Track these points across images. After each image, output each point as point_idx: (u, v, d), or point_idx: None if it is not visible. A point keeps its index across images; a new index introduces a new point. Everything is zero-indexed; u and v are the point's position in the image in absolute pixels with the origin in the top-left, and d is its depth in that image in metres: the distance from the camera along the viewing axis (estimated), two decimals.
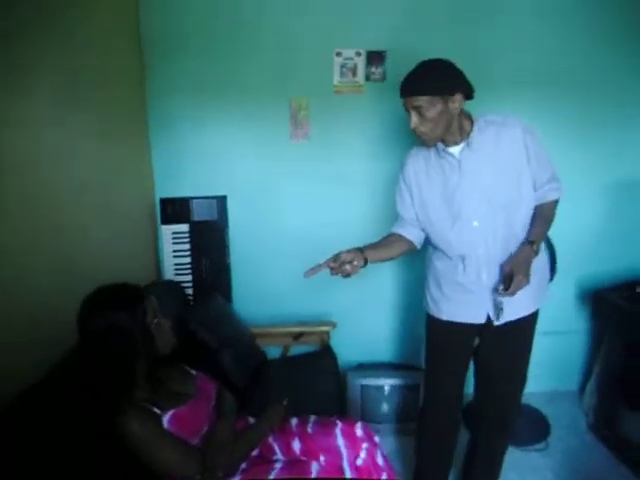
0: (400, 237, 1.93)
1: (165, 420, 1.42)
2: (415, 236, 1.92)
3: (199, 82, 2.62)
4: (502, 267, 1.71)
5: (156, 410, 1.42)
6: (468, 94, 1.64)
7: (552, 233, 2.45)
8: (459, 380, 2.01)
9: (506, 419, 2.02)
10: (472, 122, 1.71)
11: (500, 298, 1.71)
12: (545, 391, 3.00)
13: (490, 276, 1.78)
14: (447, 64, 1.62)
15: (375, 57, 2.60)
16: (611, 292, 2.58)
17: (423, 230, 1.90)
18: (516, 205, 1.73)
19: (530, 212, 1.78)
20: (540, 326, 1.98)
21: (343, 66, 2.59)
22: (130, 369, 1.40)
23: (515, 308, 1.79)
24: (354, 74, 2.61)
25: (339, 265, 1.70)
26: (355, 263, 1.71)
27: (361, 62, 2.59)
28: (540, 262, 1.83)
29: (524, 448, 2.57)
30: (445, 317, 1.90)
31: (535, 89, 2.65)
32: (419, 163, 1.84)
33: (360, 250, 1.77)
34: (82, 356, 1.44)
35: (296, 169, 2.74)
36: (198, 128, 2.67)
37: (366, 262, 1.76)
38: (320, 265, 1.72)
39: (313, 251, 2.80)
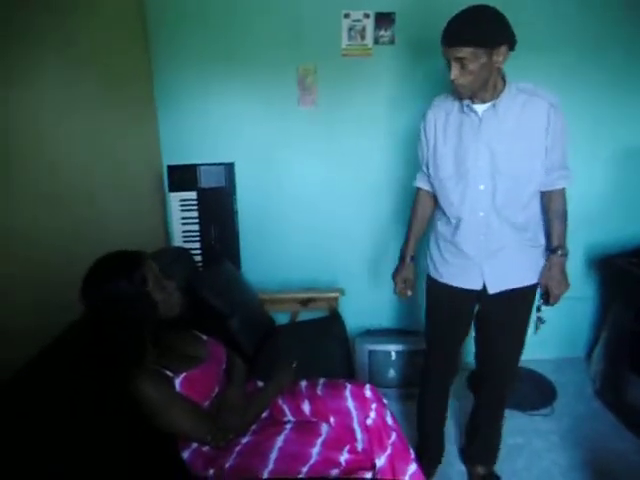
0: (427, 193, 1.95)
1: (177, 383, 1.44)
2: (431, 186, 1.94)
3: (205, 49, 2.58)
4: (539, 282, 1.82)
5: (168, 373, 1.44)
6: (512, 45, 1.57)
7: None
8: (455, 343, 2.05)
9: (502, 384, 2.06)
10: (504, 83, 1.66)
11: (542, 311, 1.83)
12: (552, 358, 3.03)
13: (488, 242, 1.78)
14: (494, 12, 1.53)
15: (384, 19, 2.54)
16: (619, 258, 2.57)
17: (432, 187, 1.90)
18: (525, 177, 1.70)
19: (537, 189, 1.75)
20: None
21: (351, 29, 2.54)
22: (136, 335, 1.41)
23: (508, 279, 1.82)
24: (362, 37, 2.56)
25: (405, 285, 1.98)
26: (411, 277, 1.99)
27: (370, 24, 2.53)
28: (539, 239, 1.84)
29: (530, 413, 2.60)
30: (443, 280, 1.92)
31: (543, 54, 2.56)
32: (440, 115, 1.79)
33: (406, 257, 1.99)
34: (88, 326, 1.45)
35: (305, 135, 2.72)
36: (205, 95, 2.64)
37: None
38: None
39: (322, 217, 2.83)
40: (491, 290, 1.82)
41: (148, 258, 1.48)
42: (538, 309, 1.84)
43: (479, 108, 1.67)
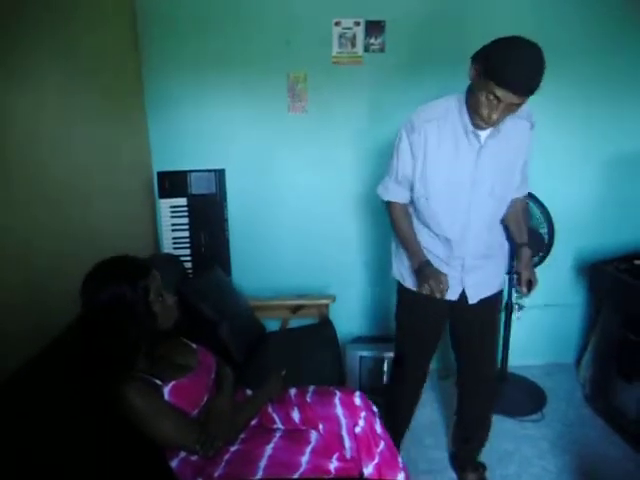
0: (403, 206, 1.87)
1: (166, 391, 1.43)
2: (407, 199, 1.85)
3: (196, 56, 2.58)
4: (518, 273, 1.83)
5: (157, 381, 1.43)
6: None
7: (551, 206, 2.46)
8: (431, 351, 2.07)
9: (485, 387, 2.09)
10: None
11: (519, 300, 1.85)
12: (542, 364, 3.04)
13: (473, 259, 1.82)
14: (542, 53, 1.48)
15: (374, 27, 2.55)
16: (608, 265, 2.57)
17: (413, 202, 1.83)
18: (506, 196, 1.77)
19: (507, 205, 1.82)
20: (538, 299, 2.00)
21: (342, 36, 2.55)
22: (131, 343, 1.40)
23: (486, 288, 1.87)
24: (353, 45, 2.57)
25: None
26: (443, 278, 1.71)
27: (360, 32, 2.55)
28: (504, 245, 1.92)
29: (520, 419, 2.60)
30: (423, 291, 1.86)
31: None
32: (432, 130, 1.67)
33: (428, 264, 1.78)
34: (84, 328, 1.44)
35: (295, 142, 2.72)
36: (195, 101, 2.64)
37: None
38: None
39: (312, 224, 2.83)
40: (471, 300, 1.86)
41: (154, 269, 1.48)
42: (516, 295, 1.90)
43: (482, 134, 1.64)
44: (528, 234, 1.89)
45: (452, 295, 1.84)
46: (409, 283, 1.93)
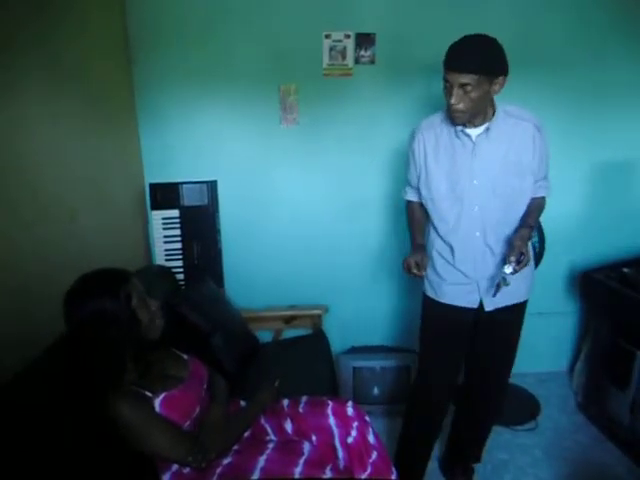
0: (419, 204, 1.93)
1: (157, 403, 1.42)
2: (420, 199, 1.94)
3: (188, 69, 2.59)
4: (511, 242, 1.70)
5: (147, 393, 1.42)
6: (506, 76, 1.62)
7: (541, 216, 2.47)
8: (453, 363, 2.02)
9: (493, 401, 2.09)
10: (494, 108, 1.70)
11: (507, 271, 1.67)
12: (535, 372, 3.04)
13: (484, 261, 1.81)
14: (496, 43, 1.58)
15: (364, 40, 2.57)
16: (599, 273, 2.60)
17: (423, 204, 1.90)
18: (517, 197, 1.76)
19: (526, 206, 1.80)
20: (530, 308, 2.00)
21: (332, 49, 2.57)
22: (118, 354, 1.40)
23: (503, 296, 1.81)
24: (343, 57, 2.59)
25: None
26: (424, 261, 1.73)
27: (350, 45, 2.57)
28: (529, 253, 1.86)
29: (514, 428, 2.60)
30: (440, 299, 1.91)
31: (519, 72, 2.62)
32: (430, 138, 1.79)
33: (420, 246, 1.83)
34: (70, 343, 1.43)
35: (287, 153, 2.73)
36: (188, 114, 2.65)
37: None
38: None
39: (304, 235, 2.84)
40: (487, 307, 1.85)
41: (133, 276, 1.47)
42: (507, 265, 1.69)
43: (472, 132, 1.70)
44: None
45: (472, 303, 1.86)
46: (433, 294, 1.95)
